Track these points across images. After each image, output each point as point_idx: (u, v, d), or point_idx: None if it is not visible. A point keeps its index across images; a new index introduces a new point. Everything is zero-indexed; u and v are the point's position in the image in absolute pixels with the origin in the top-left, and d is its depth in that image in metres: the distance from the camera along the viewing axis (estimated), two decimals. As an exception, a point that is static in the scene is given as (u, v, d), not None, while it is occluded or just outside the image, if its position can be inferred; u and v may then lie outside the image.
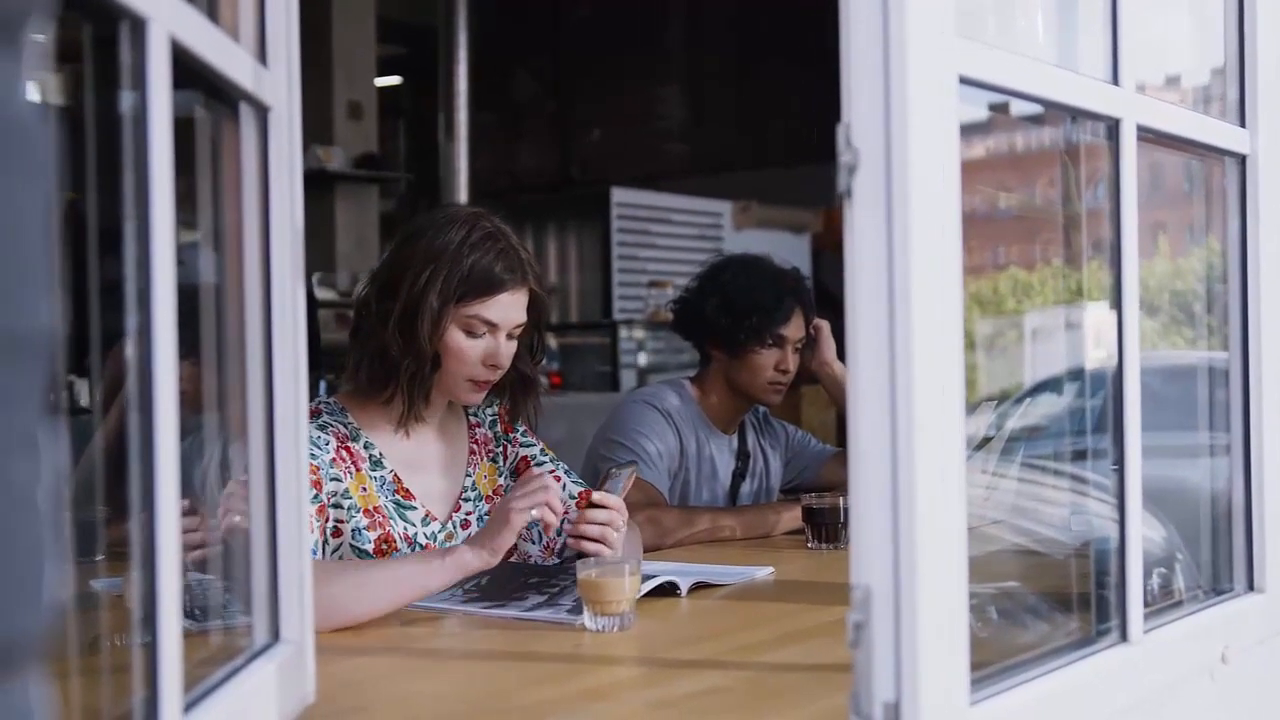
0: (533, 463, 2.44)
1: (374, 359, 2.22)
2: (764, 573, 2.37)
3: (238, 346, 1.37)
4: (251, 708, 1.27)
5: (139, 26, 1.00)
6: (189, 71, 1.13)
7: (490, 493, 2.38)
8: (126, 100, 1.03)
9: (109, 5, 0.96)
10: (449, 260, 2.18)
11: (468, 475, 2.37)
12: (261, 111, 1.36)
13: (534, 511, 1.99)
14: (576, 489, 2.41)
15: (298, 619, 1.40)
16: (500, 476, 2.41)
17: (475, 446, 2.40)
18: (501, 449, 2.44)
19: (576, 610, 1.92)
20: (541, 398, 2.50)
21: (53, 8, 0.63)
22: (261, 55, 1.36)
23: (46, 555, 0.60)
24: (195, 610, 1.39)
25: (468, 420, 2.43)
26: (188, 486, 1.08)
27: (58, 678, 0.72)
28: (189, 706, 1.10)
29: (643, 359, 7.69)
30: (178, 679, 1.04)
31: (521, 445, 2.46)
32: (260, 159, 1.37)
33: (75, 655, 1.19)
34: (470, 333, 2.21)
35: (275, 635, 1.38)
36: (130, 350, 1.03)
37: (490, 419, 2.45)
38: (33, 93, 0.60)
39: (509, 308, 2.24)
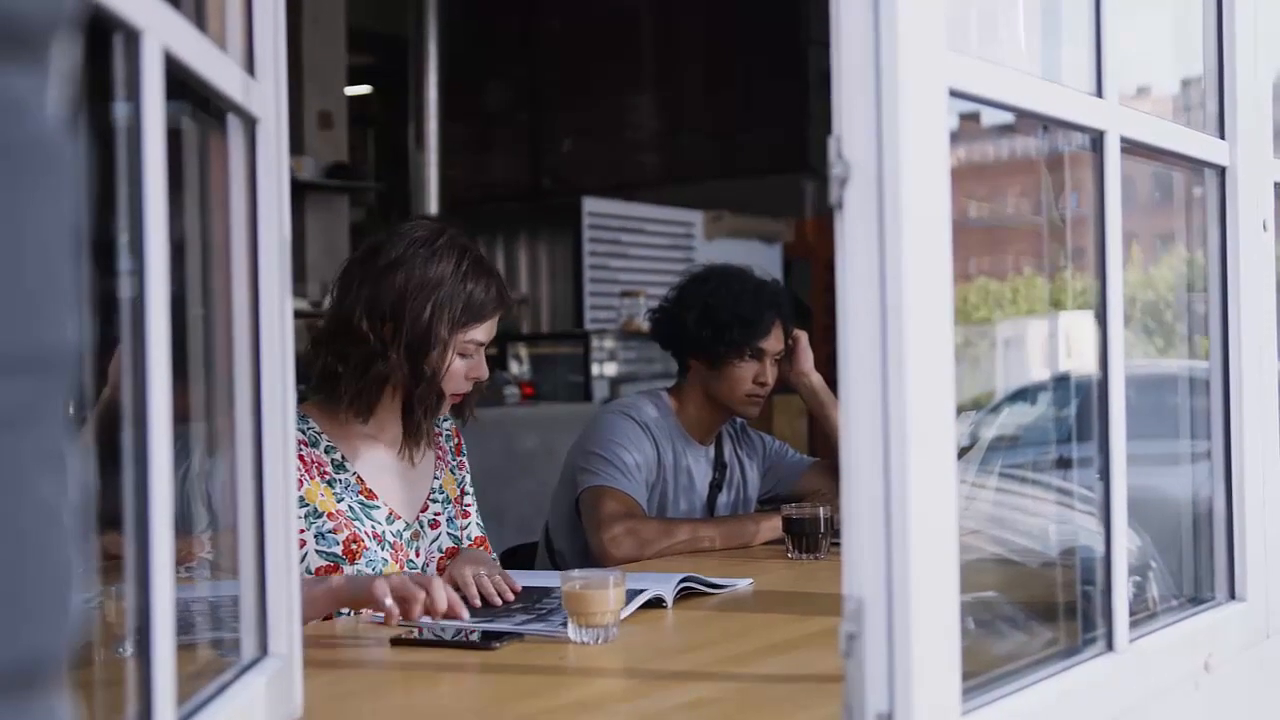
0: (466, 492, 2.53)
1: (372, 385, 2.27)
2: (744, 584, 2.37)
3: (224, 360, 1.37)
4: (241, 722, 1.26)
5: (133, 38, 1.00)
6: (178, 82, 1.12)
7: (453, 499, 2.47)
8: (119, 110, 1.02)
9: (104, 16, 0.96)
10: (449, 291, 2.26)
11: (435, 478, 2.44)
12: (249, 123, 1.35)
13: (389, 602, 1.93)
14: (477, 532, 2.46)
15: (286, 633, 1.39)
16: (457, 487, 2.50)
17: (440, 452, 2.48)
18: (458, 463, 2.53)
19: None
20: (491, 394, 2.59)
21: (77, 25, 0.62)
22: (250, 67, 1.35)
23: (72, 574, 0.59)
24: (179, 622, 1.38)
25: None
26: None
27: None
28: (181, 722, 1.09)
29: (614, 369, 7.69)
30: (171, 695, 1.03)
31: (466, 471, 2.55)
32: (248, 170, 1.36)
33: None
34: (463, 355, 2.31)
35: (264, 649, 1.37)
36: (123, 361, 1.02)
37: (446, 433, 2.53)
38: (59, 107, 0.60)
39: (494, 326, 2.36)
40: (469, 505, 2.53)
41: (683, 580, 2.21)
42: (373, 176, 8.90)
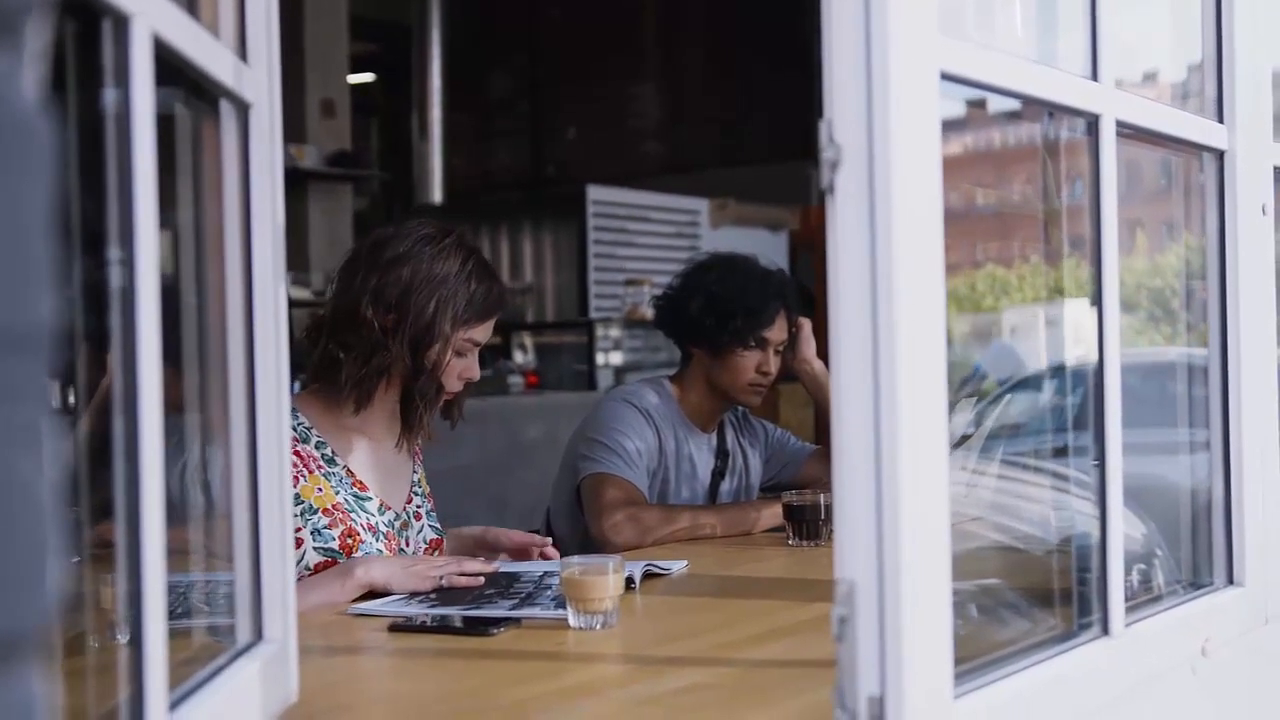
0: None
1: (372, 374, 2.29)
2: (680, 565, 2.40)
3: (218, 347, 1.37)
4: (235, 706, 1.26)
5: (122, 23, 1.00)
6: (169, 68, 1.12)
7: (427, 493, 2.52)
8: (108, 97, 1.02)
9: (92, 1, 0.96)
10: (453, 288, 2.30)
11: (415, 472, 2.49)
12: (242, 109, 1.35)
13: (443, 581, 2.15)
14: (431, 534, 2.49)
15: (280, 618, 1.39)
16: (427, 483, 2.55)
17: (417, 450, 2.52)
18: (422, 461, 2.57)
19: (561, 604, 1.92)
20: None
21: (52, 5, 0.63)
22: (242, 52, 1.35)
23: (49, 549, 0.60)
24: (175, 609, 1.39)
25: None
26: (167, 488, 1.08)
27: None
28: (173, 705, 1.10)
29: (619, 358, 7.69)
30: (163, 678, 1.03)
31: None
32: (241, 157, 1.36)
33: (57, 654, 1.19)
34: (459, 353, 2.34)
35: (258, 634, 1.38)
36: (114, 351, 1.02)
37: None
38: (33, 88, 0.60)
39: (491, 328, 2.40)
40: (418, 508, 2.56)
41: (645, 571, 2.25)
42: (376, 165, 8.89)
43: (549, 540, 2.50)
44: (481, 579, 2.16)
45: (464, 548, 2.52)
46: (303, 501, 2.23)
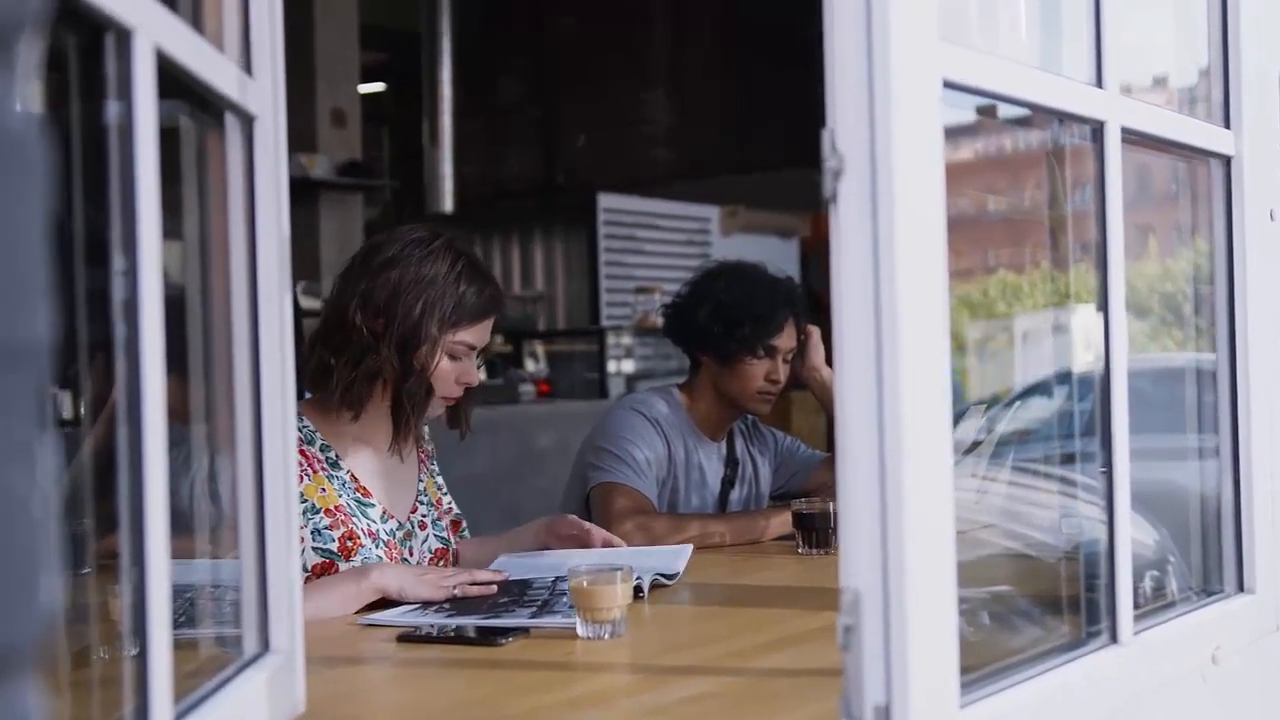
0: (444, 493, 2.58)
1: (363, 378, 2.29)
2: (685, 551, 2.43)
3: (224, 358, 1.37)
4: (242, 718, 1.26)
5: (124, 37, 1.00)
6: (174, 81, 1.12)
7: (434, 501, 2.51)
8: (111, 110, 1.02)
9: (94, 15, 0.96)
10: (441, 290, 2.30)
11: (420, 481, 2.49)
12: (247, 121, 1.35)
13: (456, 591, 2.14)
14: (437, 544, 2.49)
15: (287, 629, 1.40)
16: (438, 490, 2.55)
17: (423, 457, 2.53)
18: (434, 469, 2.57)
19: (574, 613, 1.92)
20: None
21: (46, 19, 0.63)
22: (246, 65, 1.35)
23: (43, 563, 0.60)
24: (180, 619, 1.39)
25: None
26: (175, 499, 1.08)
27: (49, 689, 0.72)
28: (179, 717, 1.10)
29: (631, 365, 7.68)
30: (168, 689, 1.03)
31: (438, 474, 2.59)
32: (246, 169, 1.36)
33: (65, 667, 1.19)
34: (453, 357, 2.34)
35: (265, 645, 1.38)
36: (118, 362, 1.03)
37: (425, 439, 2.57)
38: (27, 103, 0.60)
39: (488, 331, 2.39)
40: (450, 502, 2.57)
41: (653, 580, 2.24)
42: (387, 174, 8.89)
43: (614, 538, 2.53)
44: (494, 588, 2.17)
45: (530, 543, 2.53)
46: (305, 500, 2.24)
